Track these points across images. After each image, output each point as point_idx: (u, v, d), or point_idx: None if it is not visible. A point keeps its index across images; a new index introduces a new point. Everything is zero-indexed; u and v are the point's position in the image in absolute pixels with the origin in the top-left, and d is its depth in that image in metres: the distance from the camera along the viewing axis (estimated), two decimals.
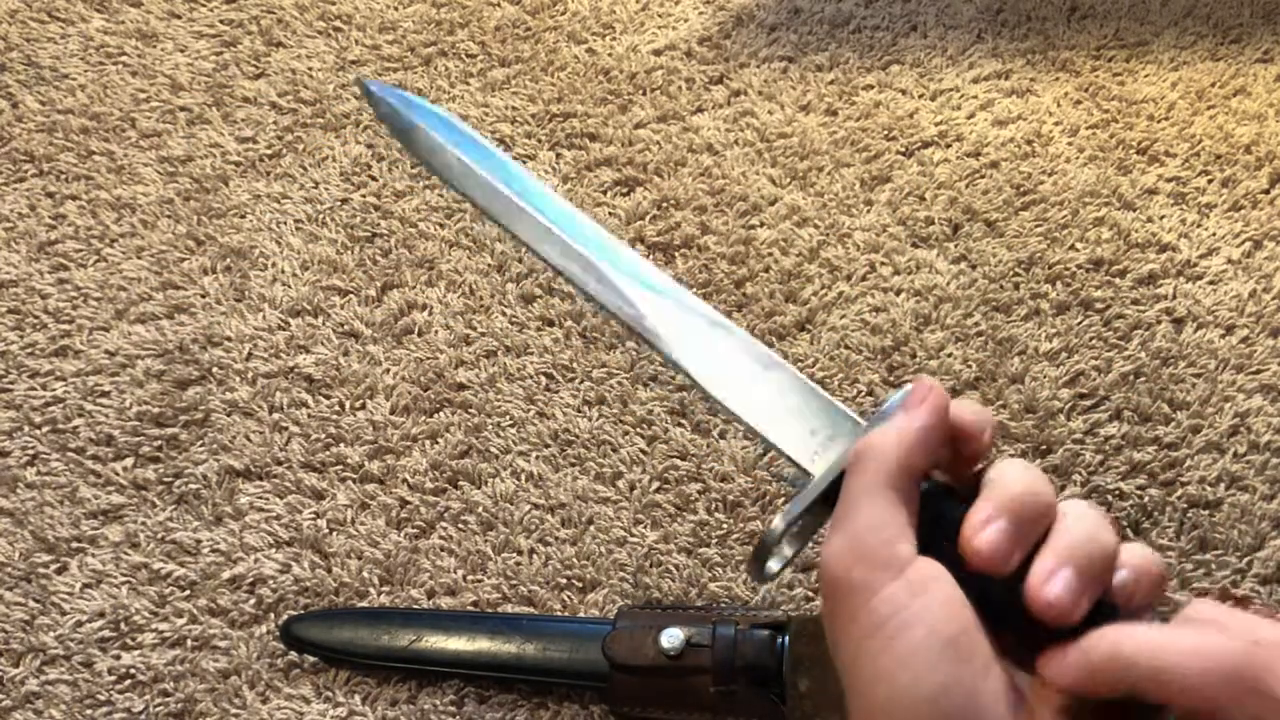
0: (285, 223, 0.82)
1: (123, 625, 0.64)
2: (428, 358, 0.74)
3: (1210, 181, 0.80)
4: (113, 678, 0.62)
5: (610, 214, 0.81)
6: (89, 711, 0.61)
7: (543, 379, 0.73)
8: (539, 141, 0.86)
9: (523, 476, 0.69)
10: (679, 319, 0.39)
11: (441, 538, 0.67)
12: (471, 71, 0.91)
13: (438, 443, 0.70)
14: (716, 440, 0.69)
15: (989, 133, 0.84)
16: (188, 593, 0.65)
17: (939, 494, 0.33)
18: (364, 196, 0.83)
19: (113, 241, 0.81)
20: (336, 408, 0.72)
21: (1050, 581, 0.29)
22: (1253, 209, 0.79)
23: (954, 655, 0.29)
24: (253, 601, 0.65)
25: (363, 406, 0.72)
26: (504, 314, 0.76)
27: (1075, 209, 0.79)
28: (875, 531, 0.31)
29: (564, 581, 0.65)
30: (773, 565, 0.36)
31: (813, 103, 0.86)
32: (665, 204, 0.81)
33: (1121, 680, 0.27)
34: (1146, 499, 0.65)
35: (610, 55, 0.91)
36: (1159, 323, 0.73)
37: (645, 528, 0.66)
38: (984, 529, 0.30)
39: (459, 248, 0.80)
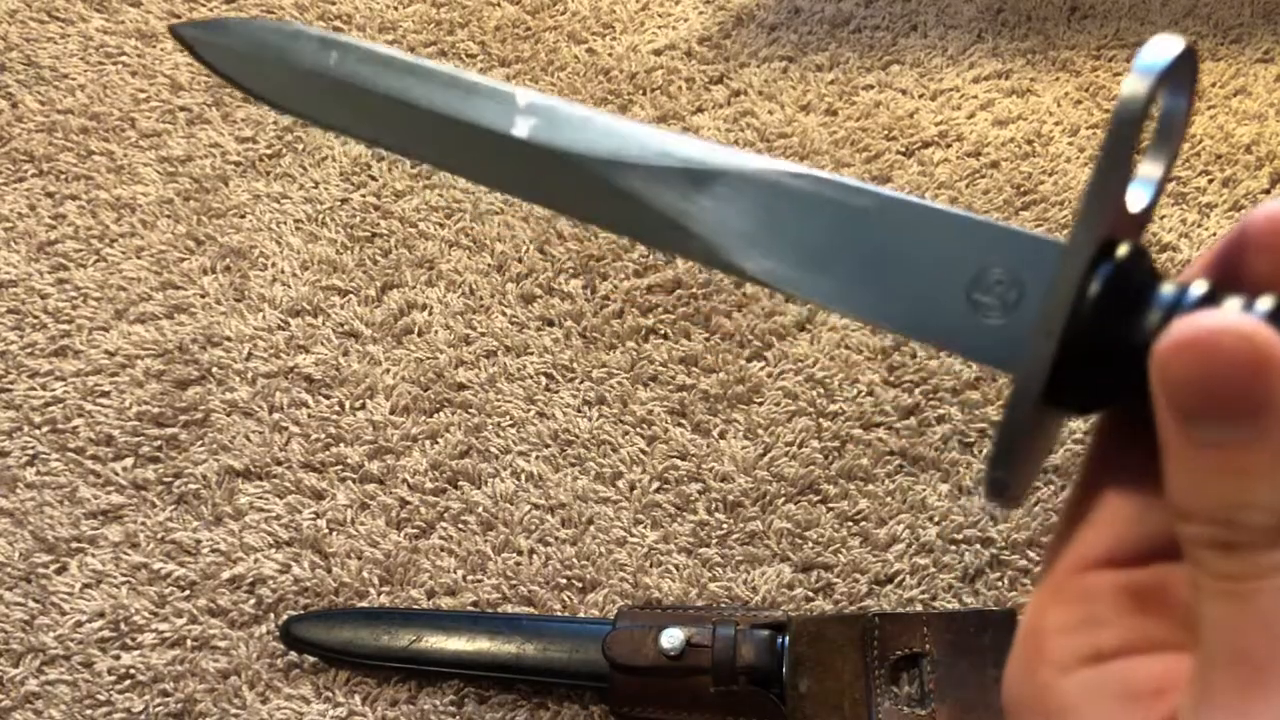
0: (285, 223, 0.82)
1: (122, 625, 0.64)
2: (428, 358, 0.74)
3: (1210, 181, 0.80)
4: (112, 678, 0.62)
5: None
6: (89, 711, 0.61)
7: (543, 379, 0.73)
8: None
9: (523, 476, 0.69)
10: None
11: (441, 538, 0.67)
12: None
13: (438, 443, 0.70)
14: (716, 440, 0.69)
15: (989, 133, 0.84)
16: (187, 593, 0.65)
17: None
18: (364, 196, 0.83)
19: (112, 241, 0.81)
20: (336, 408, 0.72)
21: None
22: (1253, 209, 0.79)
23: None
24: (253, 601, 0.65)
25: (363, 406, 0.72)
26: (504, 314, 0.76)
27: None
28: None
29: (564, 581, 0.65)
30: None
31: (813, 103, 0.86)
32: None
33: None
34: None
35: (610, 55, 0.91)
36: None
37: (645, 528, 0.66)
38: None
39: (459, 248, 0.80)
